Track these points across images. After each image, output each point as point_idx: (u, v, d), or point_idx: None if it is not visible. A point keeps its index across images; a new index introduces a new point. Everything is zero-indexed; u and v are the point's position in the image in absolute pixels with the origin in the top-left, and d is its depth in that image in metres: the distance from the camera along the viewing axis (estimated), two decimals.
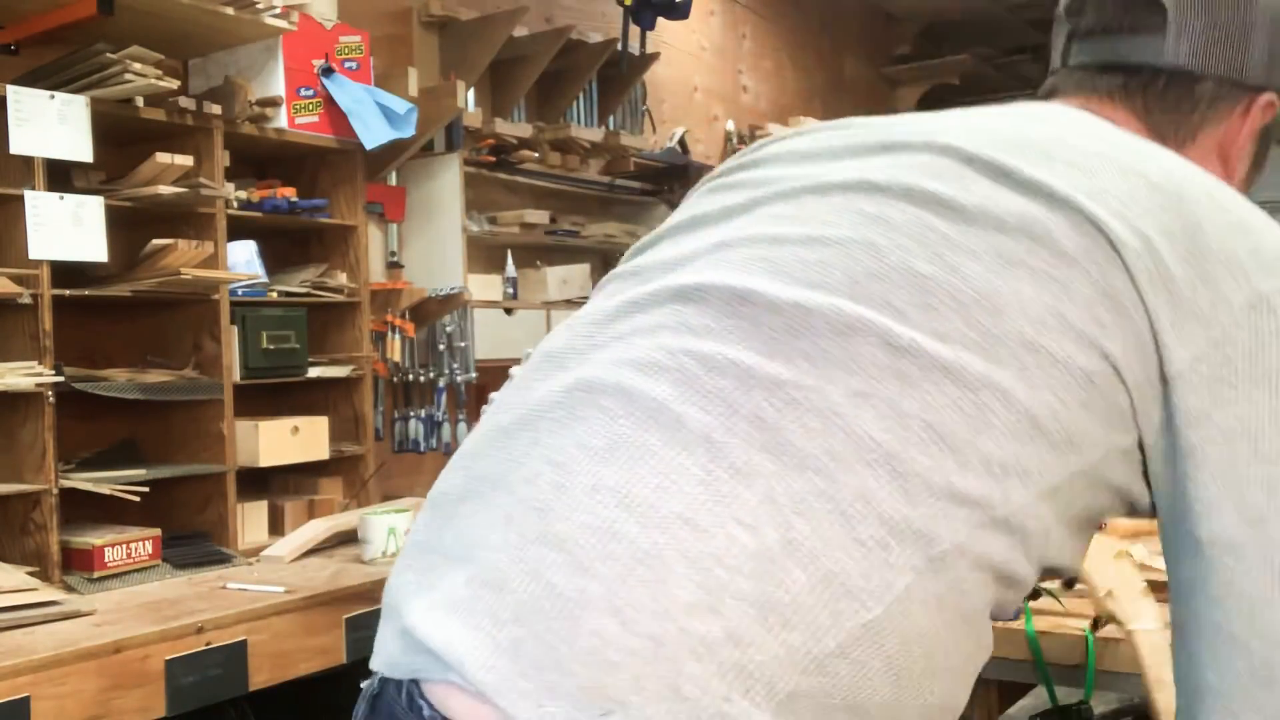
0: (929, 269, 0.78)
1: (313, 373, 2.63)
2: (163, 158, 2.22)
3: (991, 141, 0.84)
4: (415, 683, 0.81)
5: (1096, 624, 1.40)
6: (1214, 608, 0.76)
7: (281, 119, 2.54)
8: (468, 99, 3.15)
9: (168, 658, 1.82)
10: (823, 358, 0.77)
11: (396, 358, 2.93)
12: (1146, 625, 1.28)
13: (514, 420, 0.86)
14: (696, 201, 0.98)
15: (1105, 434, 0.78)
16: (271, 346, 2.49)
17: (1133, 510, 0.83)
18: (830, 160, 0.91)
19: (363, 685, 0.88)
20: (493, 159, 3.23)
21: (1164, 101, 0.96)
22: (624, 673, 0.71)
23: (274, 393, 2.67)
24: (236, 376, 2.43)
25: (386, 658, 0.84)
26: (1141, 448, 0.80)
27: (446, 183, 3.04)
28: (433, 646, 0.77)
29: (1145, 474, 0.81)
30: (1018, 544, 0.77)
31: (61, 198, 2.09)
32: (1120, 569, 1.34)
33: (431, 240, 3.04)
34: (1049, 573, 0.82)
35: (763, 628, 0.71)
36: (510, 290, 3.30)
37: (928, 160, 0.85)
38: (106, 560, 2.13)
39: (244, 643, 1.92)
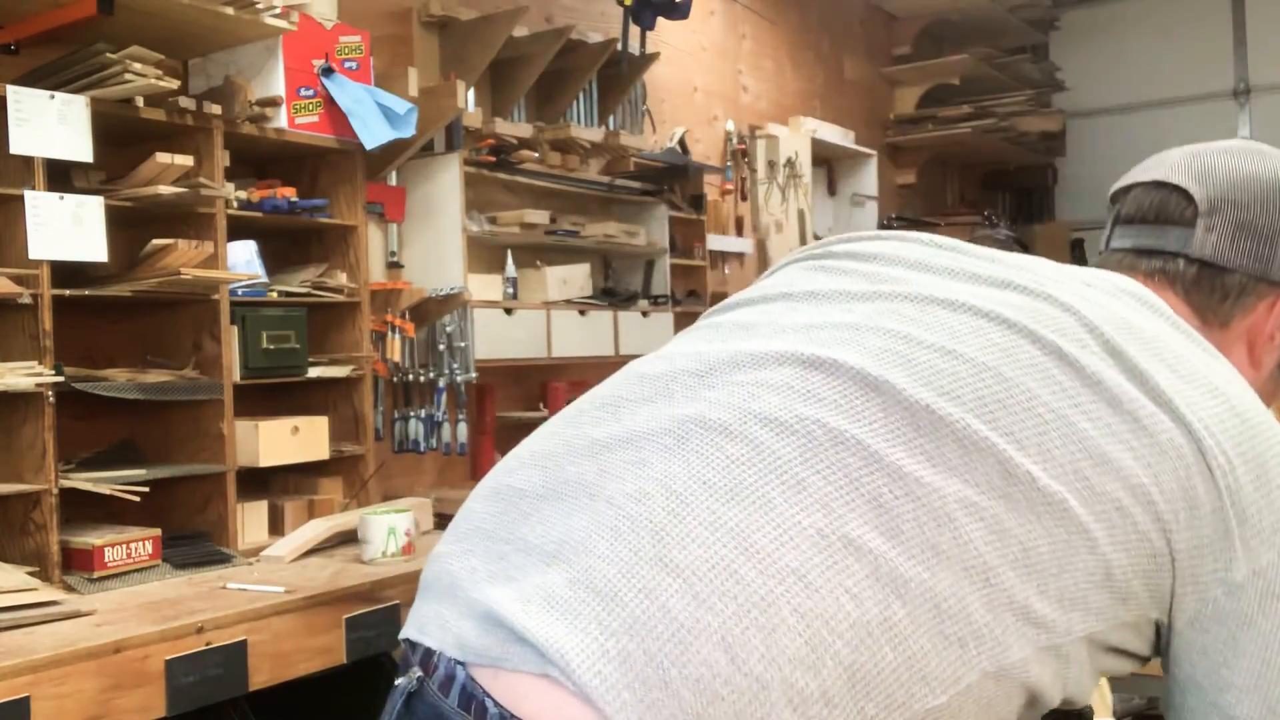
0: (1048, 414, 0.86)
1: (313, 373, 2.63)
2: (163, 158, 2.22)
3: (1106, 317, 0.92)
4: (472, 677, 0.82)
5: None
6: None
7: (281, 119, 2.54)
8: (468, 99, 3.14)
9: (168, 658, 1.82)
10: (942, 461, 0.83)
11: (396, 358, 2.93)
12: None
13: (610, 435, 0.90)
14: (803, 275, 1.03)
15: (1148, 602, 0.87)
16: (271, 346, 2.49)
17: (1123, 663, 0.92)
18: (949, 278, 0.97)
19: (397, 682, 0.89)
20: (493, 159, 3.22)
21: (1199, 288, 1.04)
22: (726, 706, 0.75)
23: (274, 393, 2.67)
24: (236, 376, 2.43)
25: (454, 639, 0.85)
26: (1159, 625, 0.89)
27: (446, 183, 3.04)
28: (533, 639, 0.79)
29: (1154, 643, 0.91)
30: (1061, 671, 0.85)
31: (61, 198, 2.09)
32: None
33: (431, 240, 3.04)
34: (1064, 702, 0.89)
35: (849, 693, 0.77)
36: (510, 290, 3.29)
37: (1053, 313, 0.92)
38: (106, 560, 2.13)
39: (244, 643, 1.92)
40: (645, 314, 3.71)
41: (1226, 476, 0.85)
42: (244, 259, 2.51)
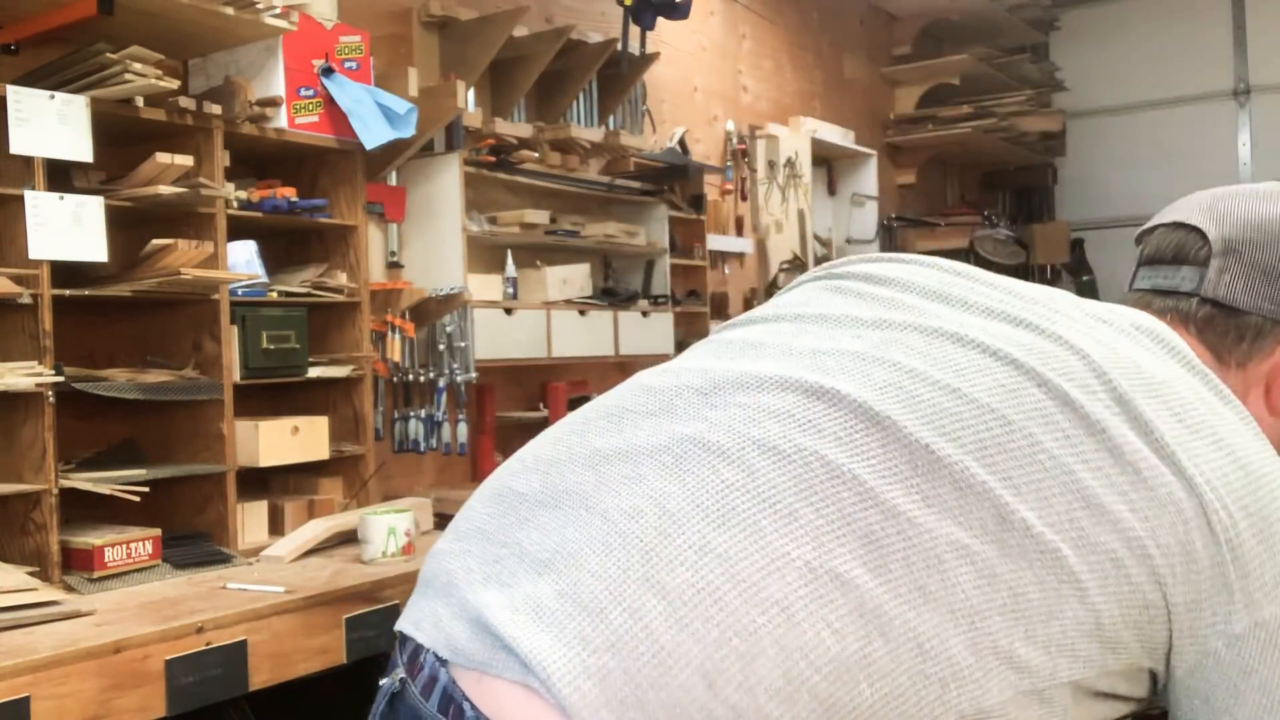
0: (1049, 461, 0.85)
1: (313, 373, 2.63)
2: (163, 158, 2.22)
3: (1116, 362, 0.91)
4: (454, 680, 0.84)
5: None
6: None
7: (281, 119, 2.54)
8: (468, 99, 3.14)
9: (168, 658, 1.82)
10: (938, 502, 0.83)
11: (396, 358, 2.93)
12: None
13: (611, 447, 0.90)
14: (818, 295, 1.03)
15: (1139, 651, 0.86)
16: (271, 346, 2.49)
17: (1114, 707, 0.91)
18: (962, 310, 0.97)
19: (382, 682, 0.91)
20: (493, 159, 3.22)
21: (1212, 328, 1.03)
22: None
23: (274, 393, 2.67)
24: (236, 376, 2.42)
25: (445, 638, 0.86)
26: (1154, 673, 0.89)
27: (446, 183, 3.04)
28: (517, 648, 0.80)
29: (1150, 688, 0.90)
30: (1044, 716, 0.84)
31: (61, 198, 2.09)
32: None
33: (431, 240, 3.04)
34: None
35: None
36: (510, 290, 3.29)
37: (1062, 356, 0.91)
38: (106, 560, 2.13)
39: (244, 643, 1.92)
40: (645, 314, 3.71)
41: (1228, 531, 0.85)
42: (244, 259, 2.51)
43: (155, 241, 2.25)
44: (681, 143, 4.19)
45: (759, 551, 0.80)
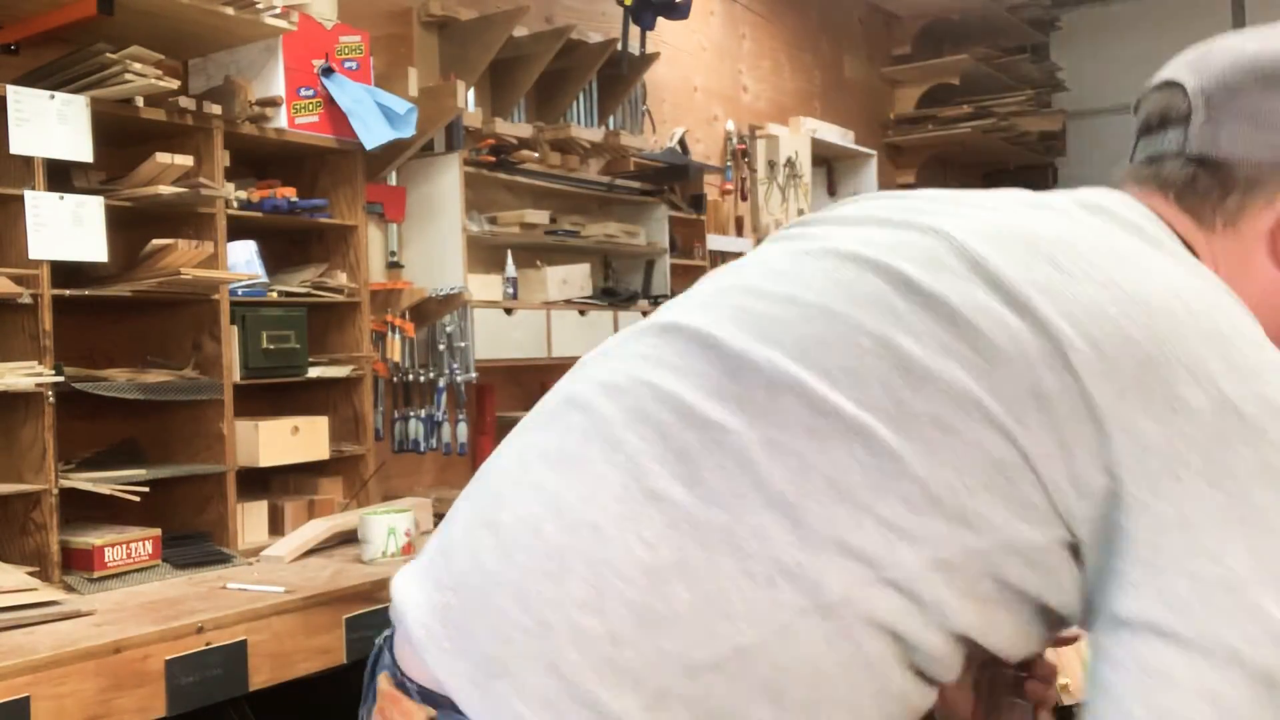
0: (868, 341, 0.83)
1: (313, 373, 2.63)
2: (163, 158, 2.22)
3: (983, 230, 0.87)
4: (391, 635, 0.95)
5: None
6: (1116, 673, 0.76)
7: (281, 119, 2.54)
8: (468, 99, 3.14)
9: (168, 658, 1.82)
10: (752, 406, 0.84)
11: (396, 358, 2.93)
12: None
13: (530, 420, 0.99)
14: (757, 250, 1.05)
15: (1006, 521, 0.79)
16: (271, 346, 2.49)
17: (1055, 612, 0.83)
18: (853, 227, 0.95)
19: (377, 640, 1.02)
20: (493, 159, 3.22)
21: (1194, 188, 0.94)
22: (517, 648, 0.81)
23: (274, 393, 2.67)
24: (236, 376, 2.43)
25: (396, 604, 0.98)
26: (1072, 548, 0.80)
27: (446, 183, 3.04)
28: (395, 602, 0.92)
29: (1078, 576, 0.81)
30: (912, 609, 0.79)
31: (61, 198, 2.09)
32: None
33: (431, 240, 3.04)
34: (979, 649, 0.82)
35: (640, 632, 0.79)
36: (510, 290, 3.29)
37: (913, 239, 0.88)
38: (106, 560, 2.13)
39: (244, 643, 1.92)
40: (645, 314, 3.71)
41: (1089, 361, 0.77)
42: (244, 259, 2.51)
43: (155, 241, 2.25)
44: (681, 143, 4.19)
45: (581, 481, 0.85)
